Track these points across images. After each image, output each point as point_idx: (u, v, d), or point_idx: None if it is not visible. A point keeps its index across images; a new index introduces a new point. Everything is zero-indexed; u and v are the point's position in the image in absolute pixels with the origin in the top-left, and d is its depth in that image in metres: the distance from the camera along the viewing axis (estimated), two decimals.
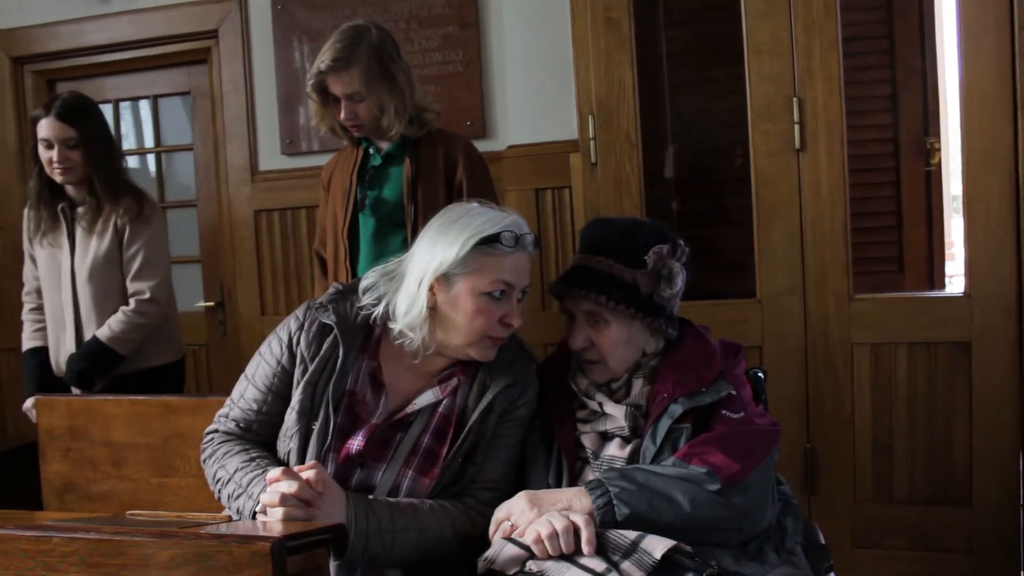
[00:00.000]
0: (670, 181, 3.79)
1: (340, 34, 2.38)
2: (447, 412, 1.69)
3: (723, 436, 1.60)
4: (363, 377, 1.71)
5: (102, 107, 3.98)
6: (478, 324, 1.65)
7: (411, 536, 1.57)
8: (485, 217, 1.66)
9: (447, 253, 1.63)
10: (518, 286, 1.68)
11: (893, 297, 2.92)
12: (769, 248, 2.81)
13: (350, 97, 2.36)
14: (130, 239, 2.77)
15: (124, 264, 2.79)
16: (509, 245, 1.64)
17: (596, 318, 1.70)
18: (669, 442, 1.62)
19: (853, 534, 2.80)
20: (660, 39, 3.60)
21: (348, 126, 2.42)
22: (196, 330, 3.92)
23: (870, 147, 3.47)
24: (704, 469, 1.55)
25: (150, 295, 2.77)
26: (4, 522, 1.30)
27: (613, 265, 1.69)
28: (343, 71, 2.34)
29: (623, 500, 1.52)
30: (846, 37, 2.76)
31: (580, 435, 1.70)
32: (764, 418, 1.71)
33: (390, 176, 2.45)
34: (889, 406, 2.77)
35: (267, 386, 1.73)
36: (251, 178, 3.67)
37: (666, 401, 1.64)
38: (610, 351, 1.70)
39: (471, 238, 1.62)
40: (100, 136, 2.80)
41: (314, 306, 1.75)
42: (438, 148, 2.44)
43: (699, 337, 1.76)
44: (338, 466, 1.64)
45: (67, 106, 2.76)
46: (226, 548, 1.13)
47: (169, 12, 3.72)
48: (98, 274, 2.77)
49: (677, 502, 1.52)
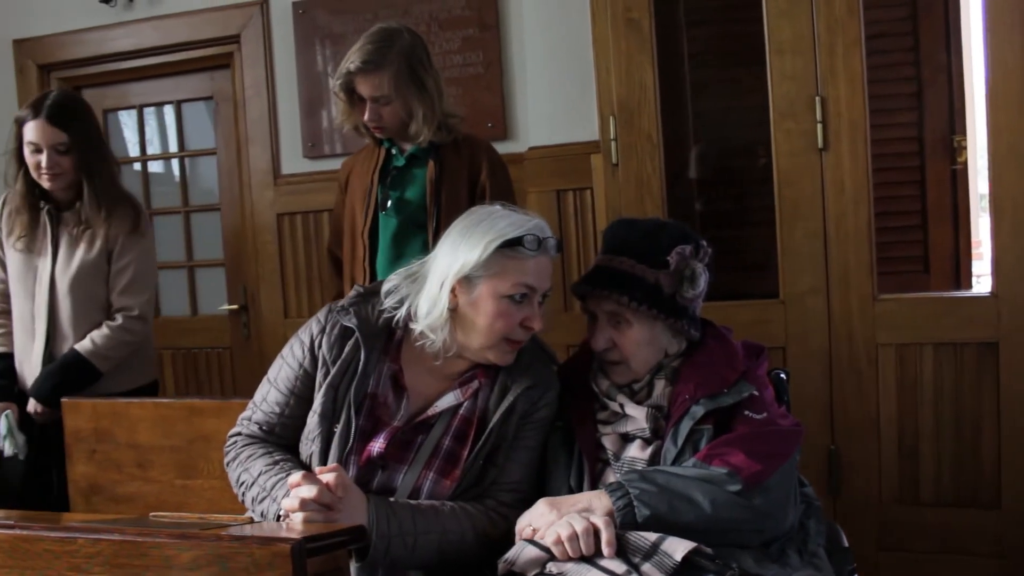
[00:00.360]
0: (692, 181, 3.77)
1: (372, 36, 2.38)
2: (468, 414, 1.70)
3: (744, 437, 1.59)
4: (384, 380, 1.71)
5: (127, 113, 4.10)
6: (499, 327, 1.65)
7: (432, 538, 1.57)
8: (508, 220, 1.66)
9: (469, 255, 1.63)
10: (540, 289, 1.68)
11: (919, 297, 2.89)
12: (792, 248, 2.79)
13: (376, 100, 2.36)
14: (121, 251, 2.63)
15: (111, 277, 2.64)
16: (531, 248, 1.63)
17: (618, 319, 1.69)
18: (690, 443, 1.62)
19: (878, 536, 2.78)
20: (681, 39, 3.59)
21: (371, 127, 2.42)
22: (220, 333, 3.95)
23: (894, 145, 3.44)
24: (725, 470, 1.54)
25: (138, 311, 2.64)
26: (31, 523, 1.32)
27: (635, 266, 1.68)
28: (372, 73, 2.34)
29: (643, 501, 1.51)
30: (869, 35, 2.74)
31: (601, 436, 1.70)
32: (787, 419, 1.70)
33: (414, 177, 2.45)
34: (915, 407, 2.74)
35: (289, 389, 1.74)
36: (274, 182, 3.70)
37: (688, 402, 1.63)
38: (632, 352, 1.69)
39: (493, 241, 1.62)
40: (93, 140, 2.64)
41: (335, 309, 1.75)
42: (462, 151, 2.44)
43: (721, 338, 1.75)
44: (359, 468, 1.64)
45: (58, 107, 2.57)
46: (247, 549, 1.14)
47: (192, 18, 3.76)
48: (81, 285, 2.62)
49: (698, 503, 1.51)
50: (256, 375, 3.80)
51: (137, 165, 4.13)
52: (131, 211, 2.66)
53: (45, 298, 2.63)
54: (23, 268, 2.67)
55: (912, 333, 2.73)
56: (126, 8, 3.83)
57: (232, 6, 3.69)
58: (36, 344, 2.66)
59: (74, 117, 2.59)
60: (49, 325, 2.63)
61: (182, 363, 4.01)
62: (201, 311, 4.02)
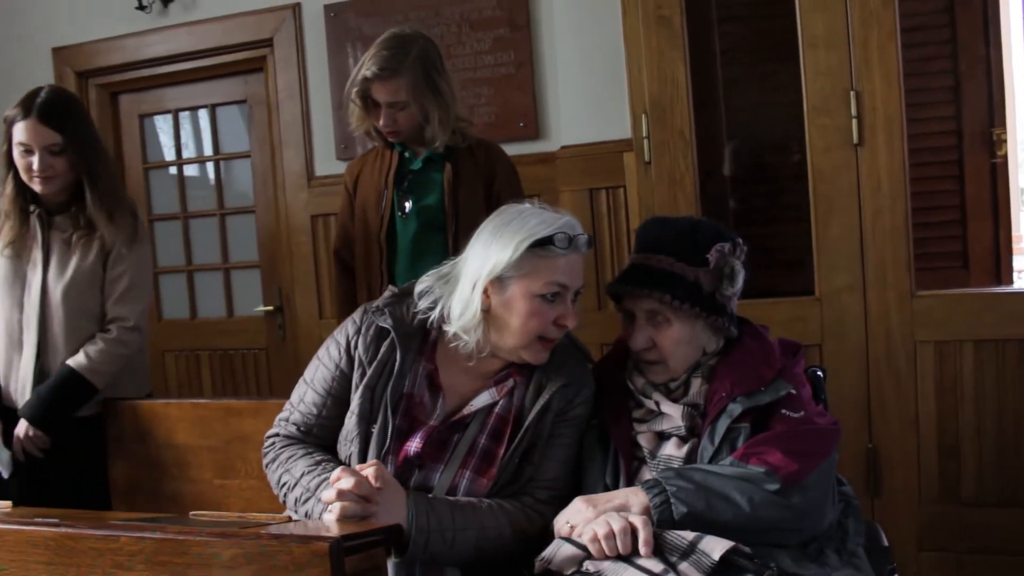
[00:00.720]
0: (726, 179, 3.75)
1: (386, 42, 2.39)
2: (504, 413, 1.70)
3: (782, 435, 1.58)
4: (420, 379, 1.72)
5: (162, 118, 4.15)
6: (532, 326, 1.65)
7: (471, 534, 1.57)
8: (539, 218, 1.65)
9: (501, 256, 1.63)
10: (572, 287, 1.67)
11: (958, 293, 2.85)
12: (828, 245, 2.76)
13: (393, 105, 2.38)
14: (117, 259, 2.47)
15: (107, 285, 2.48)
16: (562, 246, 1.63)
17: (657, 317, 1.68)
18: (727, 442, 1.61)
19: (919, 536, 2.74)
20: (712, 35, 3.56)
21: (386, 132, 2.43)
22: (255, 334, 3.99)
23: (932, 139, 3.39)
24: (763, 469, 1.53)
25: (134, 322, 2.48)
26: (76, 521, 1.34)
27: (674, 264, 1.67)
28: (389, 80, 2.35)
29: (680, 499, 1.50)
30: (905, 28, 2.70)
31: (636, 434, 1.69)
32: (824, 417, 1.68)
33: (431, 181, 2.45)
34: (955, 405, 2.69)
35: (326, 390, 1.75)
36: (307, 183, 3.73)
37: (724, 400, 1.62)
38: (671, 351, 1.68)
39: (524, 240, 1.62)
40: (90, 140, 2.47)
41: (371, 310, 1.76)
42: (476, 155, 2.46)
43: (758, 336, 1.73)
44: (397, 468, 1.65)
45: (50, 106, 2.40)
46: (286, 548, 1.15)
47: (225, 23, 3.80)
48: (76, 294, 2.45)
49: (735, 502, 1.50)
50: (292, 376, 3.84)
51: (173, 169, 4.18)
52: (131, 217, 2.52)
53: (36, 308, 2.46)
54: (11, 276, 2.49)
55: (952, 330, 2.69)
56: (161, 14, 3.89)
57: (265, 10, 3.73)
58: (25, 357, 2.47)
59: (68, 116, 2.43)
60: (40, 337, 2.46)
61: (219, 364, 4.05)
62: (237, 312, 4.06)
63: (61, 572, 1.30)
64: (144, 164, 4.18)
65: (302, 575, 1.14)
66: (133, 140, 4.17)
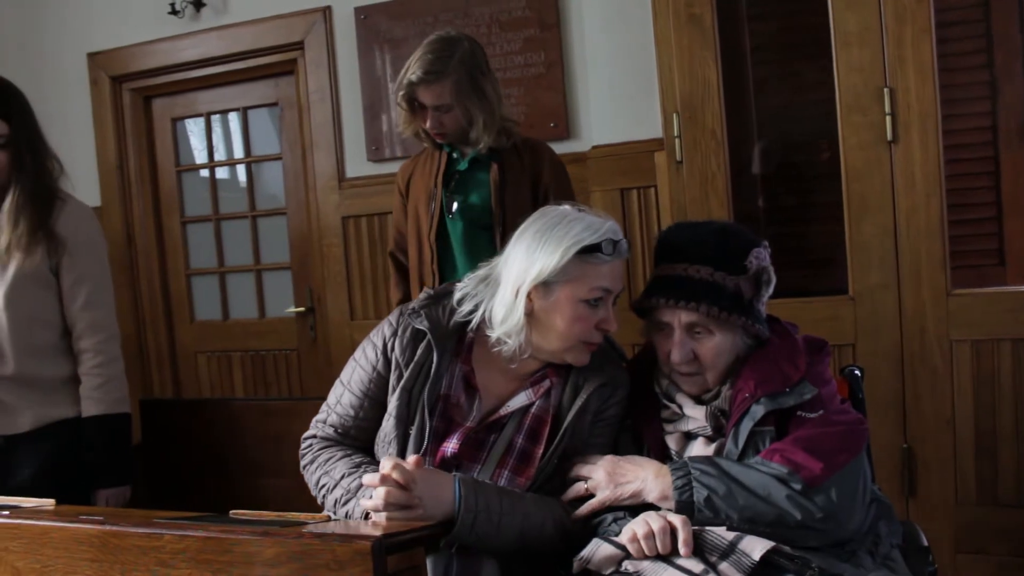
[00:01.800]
0: (756, 178, 3.73)
1: (431, 45, 2.41)
2: (540, 413, 1.70)
3: (807, 436, 1.56)
4: (457, 381, 1.72)
5: (193, 121, 4.19)
6: (576, 330, 1.66)
7: (516, 520, 1.57)
8: (583, 224, 1.65)
9: (547, 261, 1.62)
10: (615, 292, 1.68)
11: (995, 292, 2.81)
12: (861, 243, 2.74)
13: (438, 108, 2.39)
14: (73, 259, 2.22)
15: (66, 290, 2.23)
16: (608, 253, 1.63)
17: (696, 329, 1.65)
18: (752, 445, 1.59)
19: (955, 538, 2.71)
20: (743, 34, 3.54)
21: (433, 134, 2.45)
22: (287, 335, 4.03)
23: (967, 136, 3.34)
24: (786, 468, 1.52)
25: (109, 330, 2.27)
26: (120, 520, 1.36)
27: (714, 273, 1.63)
28: (434, 83, 2.36)
29: (702, 482, 1.50)
30: (939, 23, 2.67)
31: (665, 435, 1.68)
32: (847, 414, 1.65)
33: (478, 181, 2.47)
34: (992, 405, 2.66)
35: (363, 392, 1.76)
36: (338, 185, 3.75)
37: (748, 401, 1.60)
38: (712, 362, 1.65)
39: (572, 247, 1.62)
40: (32, 131, 2.24)
41: (407, 312, 1.77)
42: (523, 155, 2.47)
43: (785, 335, 1.70)
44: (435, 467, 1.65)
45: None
46: (328, 546, 1.16)
47: (257, 26, 3.83)
48: (22, 298, 2.20)
49: (756, 493, 1.50)
50: (323, 377, 3.89)
51: (205, 172, 4.22)
52: (77, 207, 2.30)
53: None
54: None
55: (988, 328, 2.66)
56: (193, 19, 3.93)
57: (295, 13, 3.76)
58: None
59: (11, 106, 2.19)
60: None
61: (250, 365, 4.09)
62: (268, 314, 4.10)
63: (106, 569, 1.32)
64: (177, 167, 4.23)
65: (344, 573, 1.14)
66: (166, 143, 4.22)
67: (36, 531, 1.39)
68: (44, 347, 2.24)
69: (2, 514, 1.48)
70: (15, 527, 1.42)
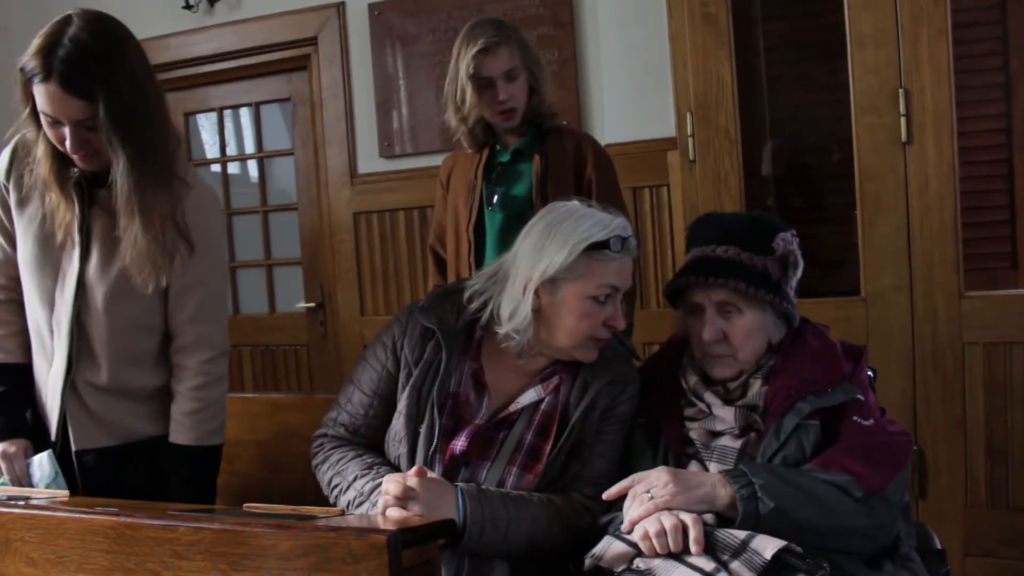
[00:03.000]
0: (769, 177, 3.73)
1: (475, 25, 2.41)
2: (550, 410, 1.70)
3: (861, 445, 1.57)
4: (466, 378, 1.72)
5: (205, 116, 4.19)
6: (584, 327, 1.66)
7: (524, 525, 1.58)
8: (592, 220, 1.65)
9: (555, 258, 1.63)
10: (622, 289, 1.68)
11: (1008, 294, 2.80)
12: (874, 244, 2.73)
13: (508, 74, 2.37)
14: (188, 259, 1.83)
15: (173, 296, 1.86)
16: (616, 250, 1.64)
17: (727, 307, 1.67)
18: (795, 438, 1.59)
19: (965, 542, 2.70)
20: (757, 33, 3.54)
21: (503, 110, 2.39)
22: (297, 331, 4.03)
23: (981, 138, 3.33)
24: (847, 477, 1.52)
25: (222, 347, 1.93)
26: (135, 511, 1.36)
27: (741, 253, 1.66)
28: (499, 48, 2.35)
29: (769, 493, 1.48)
30: (955, 24, 2.66)
31: (688, 431, 1.68)
32: (894, 425, 1.67)
33: (520, 172, 2.46)
34: (1004, 408, 2.65)
35: (373, 390, 1.76)
36: (350, 181, 3.75)
37: (793, 397, 1.60)
38: (742, 341, 1.67)
39: (579, 244, 1.62)
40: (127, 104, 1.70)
41: (415, 310, 1.77)
42: (566, 143, 2.45)
43: (821, 335, 1.72)
44: (444, 467, 1.66)
45: (74, 65, 1.65)
46: (343, 540, 1.16)
47: (270, 21, 3.84)
48: (125, 300, 1.83)
49: (822, 503, 1.49)
50: (333, 372, 3.88)
51: (216, 166, 4.23)
52: (202, 198, 1.88)
53: (69, 309, 1.83)
54: (40, 260, 1.85)
55: (1001, 331, 2.65)
56: (207, 13, 3.93)
57: (309, 9, 3.76)
58: (54, 370, 1.87)
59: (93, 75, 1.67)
60: (74, 346, 1.84)
61: (260, 360, 4.10)
62: (279, 309, 4.11)
63: (120, 561, 1.33)
64: (188, 161, 4.22)
65: (359, 567, 1.15)
66: None
67: (52, 522, 1.40)
68: (142, 355, 1.90)
69: (18, 505, 1.48)
70: (30, 518, 1.43)
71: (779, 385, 1.64)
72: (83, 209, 1.82)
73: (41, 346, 1.89)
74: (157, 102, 1.80)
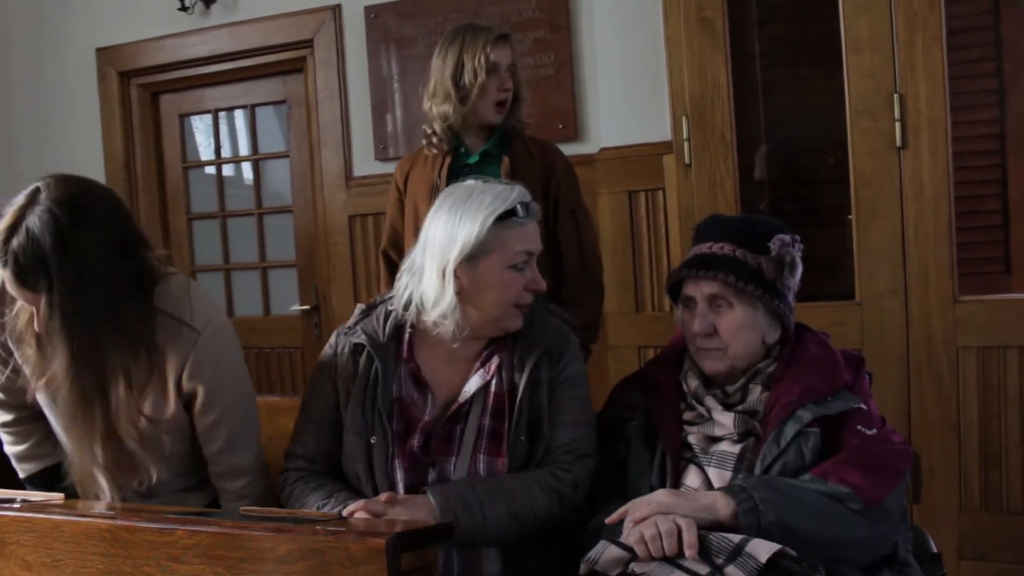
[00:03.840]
0: (764, 182, 3.73)
1: (478, 24, 2.52)
2: (499, 391, 1.71)
3: (861, 455, 1.58)
4: (406, 381, 1.74)
5: (199, 118, 4.19)
6: (508, 296, 1.69)
7: (500, 506, 1.59)
8: (492, 193, 1.68)
9: (468, 236, 1.65)
10: (536, 252, 1.72)
11: (1002, 299, 2.81)
12: (869, 249, 2.74)
13: (510, 68, 2.44)
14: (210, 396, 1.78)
15: (202, 432, 1.82)
16: (523, 216, 1.67)
17: (719, 302, 1.68)
18: (795, 445, 1.59)
19: (959, 546, 2.71)
20: (753, 38, 3.55)
21: (502, 99, 2.43)
22: (291, 333, 4.03)
23: (974, 143, 3.34)
24: (846, 489, 1.52)
25: (255, 470, 1.87)
26: (131, 515, 1.36)
27: (736, 250, 1.68)
28: (508, 42, 2.44)
29: (770, 506, 1.48)
30: (949, 30, 2.67)
31: (687, 435, 1.69)
32: (896, 435, 1.68)
33: (488, 174, 2.45)
34: (998, 412, 2.66)
35: (320, 419, 1.78)
36: (346, 184, 3.75)
37: (792, 405, 1.61)
38: (732, 336, 1.68)
39: (489, 217, 1.65)
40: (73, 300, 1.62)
41: (342, 332, 1.80)
42: (532, 150, 2.47)
43: (822, 343, 1.73)
44: (407, 471, 1.67)
45: (21, 261, 1.60)
46: (342, 544, 1.16)
47: (266, 23, 3.83)
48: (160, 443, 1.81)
49: (821, 516, 1.50)
50: None
51: (211, 168, 4.23)
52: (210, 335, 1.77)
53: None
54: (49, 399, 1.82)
55: (995, 336, 2.66)
56: (203, 15, 3.93)
57: (305, 11, 3.76)
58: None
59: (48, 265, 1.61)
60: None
61: (254, 362, 4.08)
62: (273, 311, 4.10)
63: (117, 564, 1.32)
64: (183, 163, 4.23)
65: (357, 571, 1.15)
66: (173, 140, 4.23)
67: (47, 525, 1.40)
68: (183, 471, 1.90)
69: (12, 508, 1.48)
70: (26, 521, 1.42)
71: (780, 392, 1.64)
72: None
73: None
74: (117, 288, 1.66)
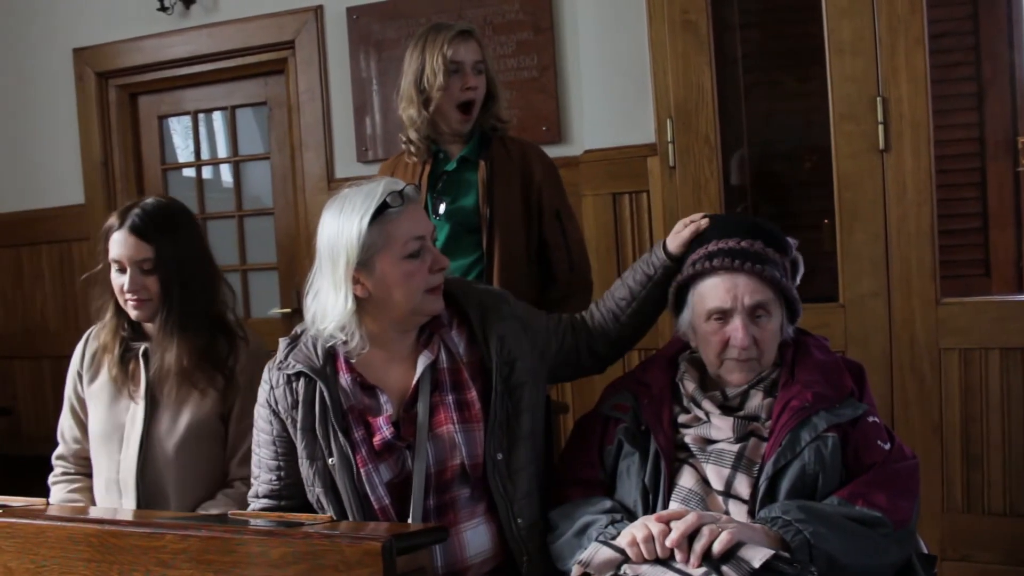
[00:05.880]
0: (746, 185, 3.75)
1: (442, 23, 2.43)
2: (450, 364, 1.72)
3: (885, 475, 1.58)
4: (353, 390, 1.71)
5: (177, 119, 4.14)
6: (415, 285, 1.67)
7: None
8: (362, 194, 1.67)
9: (349, 245, 1.63)
10: (427, 234, 1.70)
11: (983, 301, 2.83)
12: (852, 251, 2.75)
13: (476, 65, 2.37)
14: (245, 408, 1.97)
15: (230, 442, 2.05)
16: (397, 204, 1.65)
17: (759, 312, 1.64)
18: (812, 448, 1.57)
19: (941, 546, 2.72)
20: (735, 41, 3.56)
21: (467, 98, 2.37)
22: (272, 336, 3.96)
23: (955, 147, 3.37)
24: (877, 514, 1.52)
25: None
26: (118, 520, 1.34)
27: (766, 248, 1.67)
28: (471, 39, 2.37)
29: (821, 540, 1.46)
30: (930, 34, 2.70)
31: (682, 437, 1.67)
32: (905, 447, 1.67)
33: (467, 182, 2.43)
34: (980, 414, 2.68)
35: (274, 455, 1.76)
36: (327, 186, 3.73)
37: (806, 411, 1.59)
38: (768, 346, 1.66)
39: (364, 218, 1.63)
40: (185, 257, 2.06)
41: (274, 366, 1.76)
42: (511, 150, 2.43)
43: (824, 348, 1.73)
44: (383, 465, 1.66)
45: (146, 216, 2.02)
46: (336, 547, 1.15)
47: (247, 24, 3.80)
48: (193, 454, 2.02)
49: (869, 552, 1.50)
50: None
51: (190, 171, 4.18)
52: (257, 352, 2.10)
53: (133, 470, 2.01)
54: (107, 426, 2.07)
55: (977, 337, 2.68)
56: (183, 16, 3.89)
57: (287, 12, 3.74)
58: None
59: (164, 228, 2.03)
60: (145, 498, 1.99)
61: None
62: (254, 314, 4.06)
63: (104, 570, 1.30)
64: (162, 165, 4.18)
65: (351, 574, 1.13)
66: (152, 141, 4.18)
67: (31, 530, 1.37)
68: (203, 499, 2.04)
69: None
70: (8, 526, 1.39)
71: (788, 397, 1.62)
72: (148, 374, 2.04)
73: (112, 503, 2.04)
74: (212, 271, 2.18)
